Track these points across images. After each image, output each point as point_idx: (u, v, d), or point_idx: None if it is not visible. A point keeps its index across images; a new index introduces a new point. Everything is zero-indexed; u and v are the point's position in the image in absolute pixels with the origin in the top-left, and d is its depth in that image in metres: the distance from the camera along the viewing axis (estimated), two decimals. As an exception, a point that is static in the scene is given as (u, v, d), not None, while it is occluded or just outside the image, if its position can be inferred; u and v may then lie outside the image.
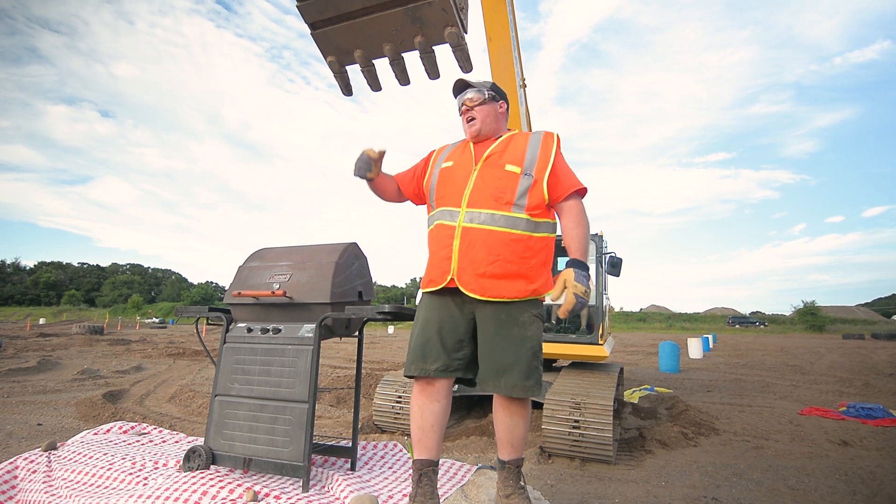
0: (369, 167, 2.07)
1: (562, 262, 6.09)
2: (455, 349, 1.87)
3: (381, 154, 2.10)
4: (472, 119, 2.02)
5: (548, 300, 1.87)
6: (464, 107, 2.04)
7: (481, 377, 1.87)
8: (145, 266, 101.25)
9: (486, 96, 2.03)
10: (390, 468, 2.52)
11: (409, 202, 2.29)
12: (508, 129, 2.13)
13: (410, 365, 1.88)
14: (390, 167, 2.24)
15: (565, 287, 1.72)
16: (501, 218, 1.84)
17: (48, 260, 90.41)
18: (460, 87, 2.09)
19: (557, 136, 1.99)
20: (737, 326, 53.28)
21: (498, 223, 1.83)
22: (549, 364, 5.53)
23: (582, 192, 1.95)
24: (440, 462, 2.49)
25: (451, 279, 1.84)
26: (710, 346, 20.32)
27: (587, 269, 1.79)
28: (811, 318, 47.13)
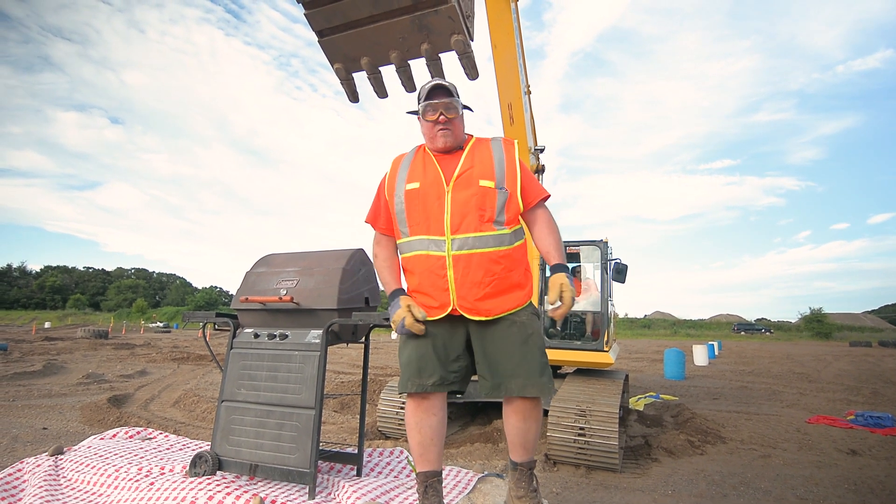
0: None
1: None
2: (450, 362, 1.86)
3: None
4: (446, 130, 1.91)
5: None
6: (441, 116, 1.90)
7: (490, 386, 1.84)
8: (150, 270, 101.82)
9: (461, 109, 1.95)
10: (396, 476, 2.52)
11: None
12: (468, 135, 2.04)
13: (407, 382, 1.84)
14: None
15: (562, 290, 1.74)
16: (489, 238, 1.82)
17: (54, 264, 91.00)
18: (438, 91, 1.94)
19: (516, 142, 1.98)
20: (742, 333, 52.89)
21: (487, 244, 1.81)
22: (555, 371, 5.51)
23: (546, 198, 1.96)
24: (446, 469, 2.48)
25: (453, 308, 1.82)
26: (716, 353, 20.18)
27: (570, 271, 1.80)
28: (817, 325, 46.71)
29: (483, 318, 1.82)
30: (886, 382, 10.44)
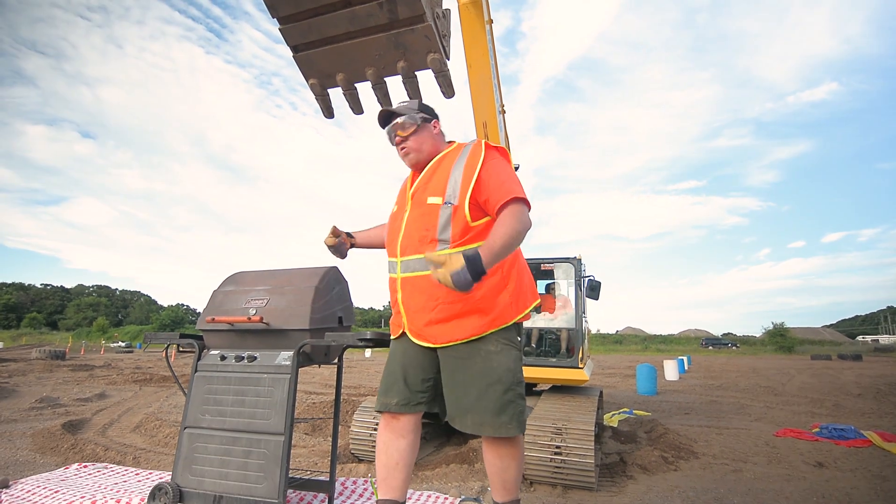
0: (340, 252, 2.26)
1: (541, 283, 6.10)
2: (417, 383, 1.82)
3: (337, 237, 2.22)
4: (406, 150, 1.88)
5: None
6: (396, 137, 1.89)
7: (448, 415, 1.77)
8: (113, 287, 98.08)
9: (419, 121, 1.88)
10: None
11: None
12: (449, 143, 1.98)
13: (376, 400, 1.89)
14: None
15: (446, 261, 1.55)
16: None
17: (9, 281, 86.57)
18: (385, 116, 1.94)
19: (485, 144, 1.81)
20: (710, 348, 54.30)
21: (428, 266, 1.69)
22: (530, 388, 5.49)
23: (518, 200, 1.70)
24: (423, 494, 2.41)
25: (403, 332, 1.83)
26: (686, 367, 20.58)
27: (476, 268, 1.52)
28: (780, 339, 48.42)
29: (431, 345, 1.76)
30: (846, 395, 10.80)
